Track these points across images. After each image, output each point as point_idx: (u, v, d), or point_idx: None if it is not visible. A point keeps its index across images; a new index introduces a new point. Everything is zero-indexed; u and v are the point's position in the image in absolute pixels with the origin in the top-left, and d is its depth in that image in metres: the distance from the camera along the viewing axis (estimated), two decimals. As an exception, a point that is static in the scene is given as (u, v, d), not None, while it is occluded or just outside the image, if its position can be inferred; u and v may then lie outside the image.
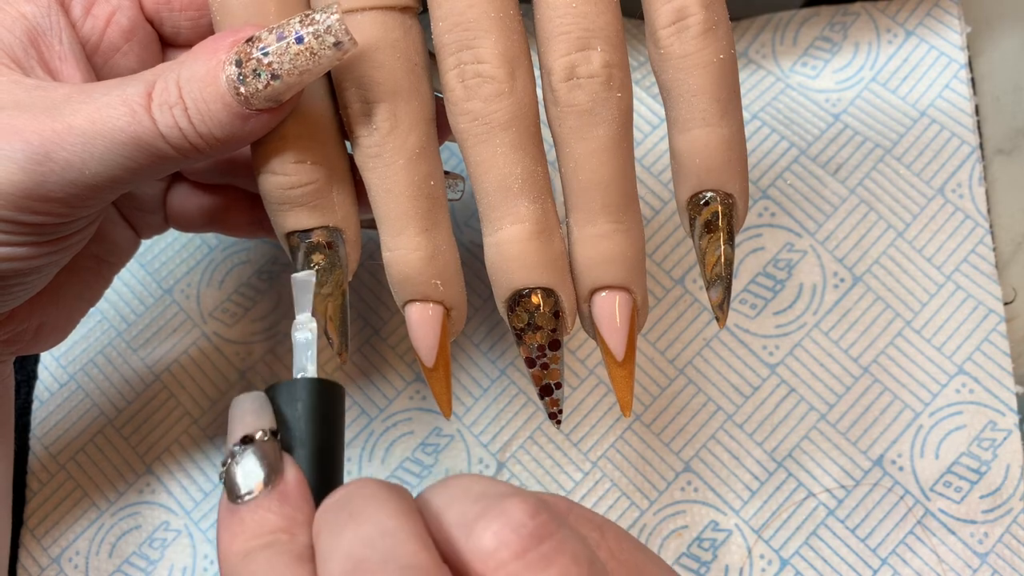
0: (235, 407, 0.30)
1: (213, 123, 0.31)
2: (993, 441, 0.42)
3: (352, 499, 0.27)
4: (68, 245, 0.34)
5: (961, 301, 0.45)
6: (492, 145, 0.32)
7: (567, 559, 0.24)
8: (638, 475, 0.44)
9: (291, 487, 0.29)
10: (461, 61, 0.31)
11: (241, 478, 0.28)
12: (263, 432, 0.29)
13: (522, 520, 0.25)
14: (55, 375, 0.48)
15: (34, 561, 0.45)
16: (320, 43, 0.30)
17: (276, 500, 0.28)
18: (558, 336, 0.33)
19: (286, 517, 0.28)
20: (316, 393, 0.30)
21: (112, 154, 0.31)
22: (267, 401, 0.30)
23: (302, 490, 0.29)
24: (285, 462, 0.29)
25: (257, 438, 0.29)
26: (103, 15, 0.35)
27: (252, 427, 0.29)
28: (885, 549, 0.42)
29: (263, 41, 0.30)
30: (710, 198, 0.33)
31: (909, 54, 0.48)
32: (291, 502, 0.28)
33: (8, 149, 0.30)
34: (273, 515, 0.28)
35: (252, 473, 0.28)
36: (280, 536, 0.27)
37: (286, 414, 0.30)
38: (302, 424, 0.30)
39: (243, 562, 0.27)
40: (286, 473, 0.29)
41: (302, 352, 0.31)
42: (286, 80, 0.31)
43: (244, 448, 0.29)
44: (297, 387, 0.30)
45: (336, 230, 0.34)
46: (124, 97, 0.31)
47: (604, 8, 0.31)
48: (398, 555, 0.25)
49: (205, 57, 0.31)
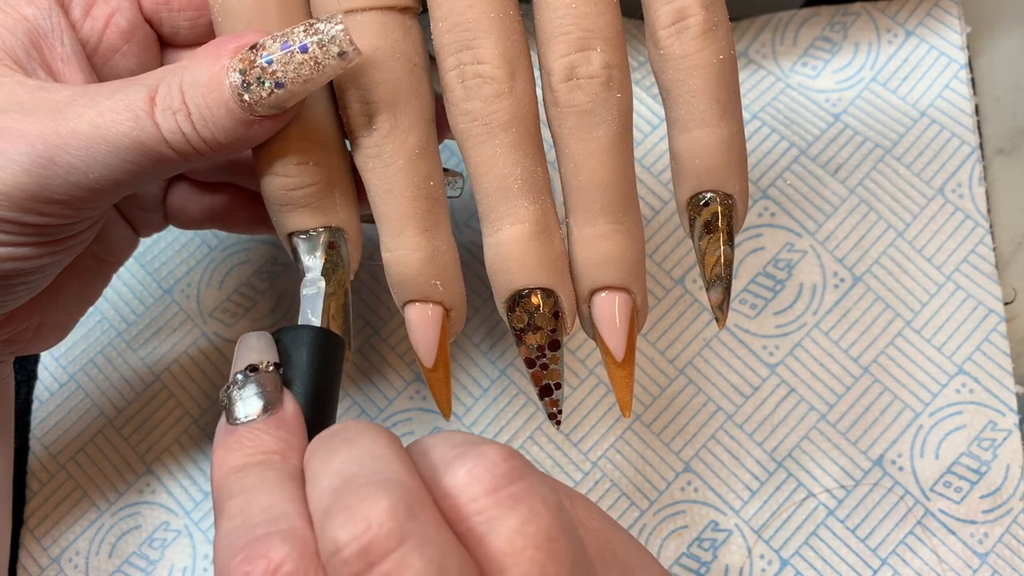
0: (243, 341, 0.32)
1: (216, 128, 0.31)
2: (993, 441, 0.42)
3: (346, 429, 0.29)
4: (71, 246, 0.34)
5: (961, 301, 0.45)
6: (492, 145, 0.32)
7: (536, 500, 0.26)
8: (638, 475, 0.44)
9: (288, 416, 0.30)
10: (461, 61, 0.31)
11: (241, 402, 0.30)
12: (267, 363, 0.31)
13: (495, 461, 0.27)
14: (55, 375, 0.48)
15: (34, 561, 0.45)
16: (324, 52, 0.30)
17: (273, 425, 0.30)
18: (558, 336, 0.33)
19: (281, 440, 0.29)
20: (319, 340, 0.32)
21: (115, 158, 0.31)
22: (272, 340, 0.32)
23: (298, 420, 0.30)
24: (284, 395, 0.31)
25: (261, 368, 0.31)
26: (102, 16, 0.35)
27: (257, 359, 0.31)
28: (885, 549, 0.42)
29: (267, 49, 0.30)
30: (710, 199, 0.33)
31: (909, 54, 0.48)
32: (287, 428, 0.30)
33: (13, 152, 0.30)
34: (269, 437, 0.29)
35: (253, 399, 0.30)
36: (273, 456, 0.29)
37: (290, 354, 0.32)
38: (303, 365, 0.32)
39: (236, 475, 0.28)
40: (284, 403, 0.31)
41: (308, 305, 0.33)
42: (290, 88, 0.31)
43: (248, 376, 0.31)
44: (302, 332, 0.32)
45: (338, 230, 0.35)
46: (127, 102, 0.31)
47: (604, 9, 0.31)
48: (383, 471, 0.26)
49: (208, 62, 0.31)
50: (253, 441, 0.29)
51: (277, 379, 0.31)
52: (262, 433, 0.29)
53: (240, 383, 0.31)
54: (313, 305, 0.33)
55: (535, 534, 0.26)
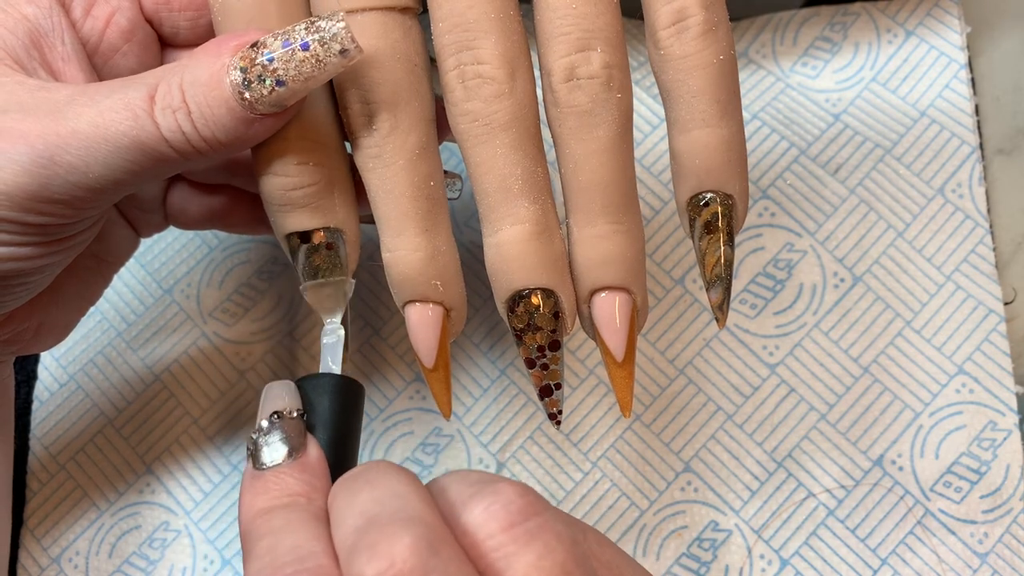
0: (268, 390, 0.33)
1: (217, 127, 0.31)
2: (993, 441, 0.42)
3: (368, 471, 0.29)
4: (71, 246, 0.34)
5: (961, 301, 0.45)
6: (492, 146, 0.32)
7: (551, 535, 0.27)
8: (638, 475, 0.44)
9: (312, 460, 0.31)
10: (461, 62, 0.31)
11: (267, 448, 0.31)
12: (291, 411, 0.32)
13: (511, 498, 0.27)
14: (55, 375, 0.48)
15: (34, 561, 0.45)
16: (326, 50, 0.30)
17: (297, 468, 0.31)
18: (558, 337, 0.33)
19: (306, 483, 0.30)
20: (341, 387, 0.33)
21: (115, 158, 0.31)
22: (295, 388, 0.33)
23: (322, 464, 0.31)
24: (308, 440, 0.32)
25: (285, 414, 0.32)
26: (103, 16, 0.35)
27: (282, 405, 0.32)
28: (885, 549, 0.42)
29: (268, 47, 0.30)
30: (710, 199, 0.33)
31: (909, 54, 0.48)
32: (311, 471, 0.31)
33: (13, 152, 0.30)
34: (294, 480, 0.30)
35: (278, 444, 0.31)
36: (299, 498, 0.30)
37: (313, 402, 0.33)
38: (325, 412, 0.33)
39: (263, 518, 0.29)
40: (308, 448, 0.32)
41: (329, 353, 0.34)
42: (291, 86, 0.31)
43: (273, 423, 0.32)
44: (323, 380, 0.33)
45: (337, 231, 0.35)
46: (127, 101, 0.31)
47: (604, 9, 0.31)
48: (405, 510, 0.27)
49: (208, 60, 0.31)
50: (279, 485, 0.30)
51: (301, 425, 0.32)
52: (287, 477, 0.30)
53: (266, 430, 0.31)
54: (334, 353, 0.34)
55: (551, 568, 0.26)
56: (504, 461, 0.44)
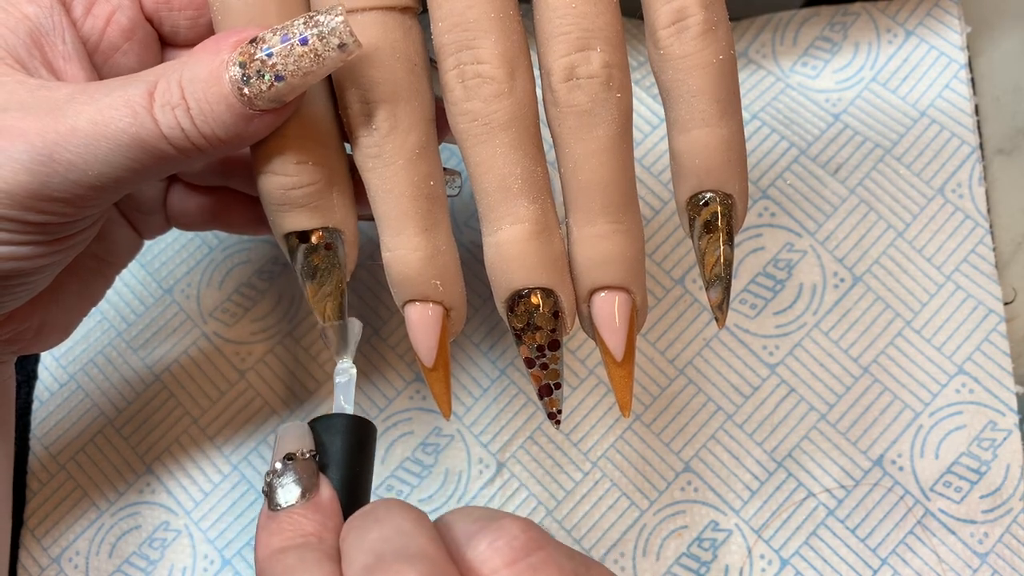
0: (281, 432, 0.34)
1: (216, 123, 0.31)
2: (993, 441, 0.42)
3: (377, 509, 0.30)
4: (71, 245, 0.34)
5: (961, 301, 0.45)
6: (492, 145, 0.32)
7: (553, 569, 0.28)
8: (638, 475, 0.44)
9: (325, 500, 0.32)
10: (461, 61, 0.31)
11: (281, 490, 0.32)
12: (303, 452, 0.33)
13: (515, 534, 0.28)
14: (55, 375, 0.48)
15: (34, 561, 0.45)
16: (324, 45, 0.30)
17: (311, 509, 0.32)
18: (557, 336, 0.33)
19: (318, 523, 0.31)
20: (353, 428, 0.34)
21: (115, 155, 0.31)
22: (308, 429, 0.34)
23: (334, 504, 0.32)
24: (320, 480, 0.33)
25: (298, 456, 0.32)
26: (103, 14, 0.35)
27: (295, 447, 0.33)
28: (885, 549, 0.42)
29: (267, 42, 0.30)
30: (709, 198, 0.33)
31: (909, 54, 0.48)
32: (324, 512, 0.32)
33: (13, 150, 0.30)
34: (307, 520, 0.31)
35: (292, 486, 0.32)
36: (311, 538, 0.31)
37: (324, 442, 0.34)
38: (337, 452, 0.33)
39: (277, 557, 0.30)
40: (321, 489, 0.32)
41: (341, 392, 0.35)
42: (290, 81, 0.30)
43: (287, 464, 0.32)
44: (336, 421, 0.34)
45: (335, 231, 0.34)
46: (126, 98, 0.31)
47: (604, 8, 0.31)
48: (411, 547, 0.28)
49: (208, 57, 0.31)
50: (292, 525, 0.31)
51: (313, 466, 0.33)
52: (300, 518, 0.31)
53: (280, 472, 0.32)
54: (346, 392, 0.35)
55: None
56: (504, 461, 0.44)
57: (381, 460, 0.45)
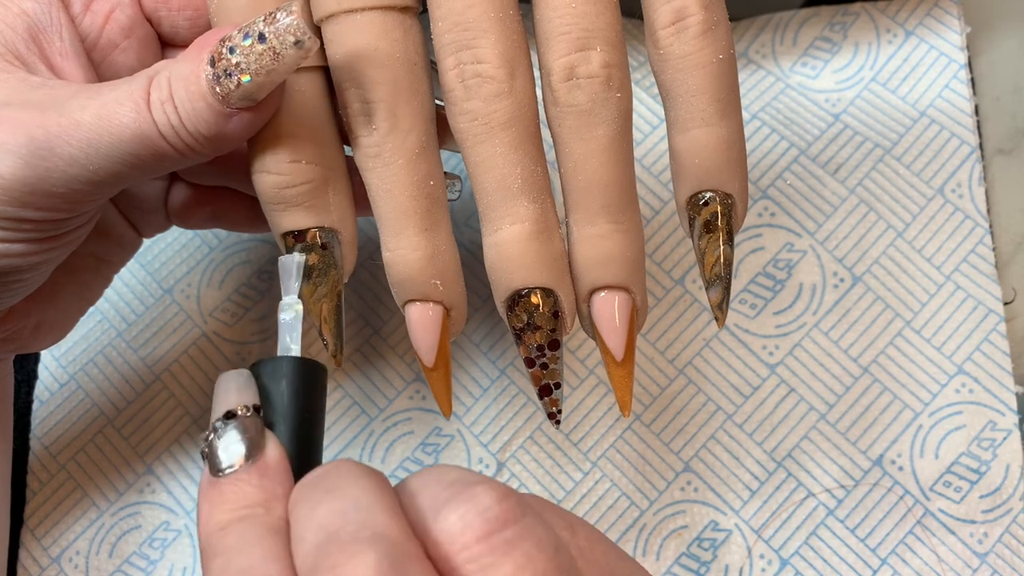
0: (220, 383, 0.30)
1: (199, 121, 0.31)
2: (993, 441, 0.42)
3: (329, 476, 0.27)
4: (66, 242, 0.34)
5: (961, 301, 0.45)
6: (491, 145, 0.32)
7: (531, 544, 0.25)
8: (638, 475, 0.44)
9: (272, 462, 0.29)
10: (460, 61, 0.31)
11: (223, 452, 0.29)
12: (246, 408, 0.29)
13: (488, 504, 0.25)
14: (55, 375, 0.48)
15: (34, 561, 0.45)
16: (281, 42, 0.30)
17: (256, 474, 0.28)
18: (557, 336, 0.33)
19: (265, 490, 0.28)
20: (299, 372, 0.30)
21: (117, 150, 0.31)
22: (251, 378, 0.30)
23: (282, 465, 0.29)
24: (267, 438, 0.29)
25: (240, 413, 0.29)
26: (102, 12, 0.35)
27: (235, 403, 0.30)
28: (885, 549, 0.42)
29: (231, 40, 0.31)
30: (709, 198, 0.33)
31: (909, 54, 0.48)
32: (271, 476, 0.29)
33: (12, 144, 0.30)
34: (252, 488, 0.28)
35: (234, 448, 0.29)
36: (256, 509, 0.28)
37: (270, 390, 0.30)
38: (285, 401, 0.30)
39: (219, 534, 0.27)
40: (267, 449, 0.29)
41: (287, 332, 0.32)
42: (255, 80, 0.30)
43: (227, 423, 0.29)
44: (281, 365, 0.30)
45: (331, 231, 0.35)
46: (129, 92, 0.31)
47: (603, 8, 0.31)
48: (370, 525, 0.25)
49: (192, 56, 0.31)
50: (235, 494, 0.28)
51: (258, 423, 0.29)
52: (245, 484, 0.28)
53: (219, 431, 0.29)
54: (292, 331, 0.32)
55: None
56: (504, 461, 0.44)
57: (381, 460, 0.45)
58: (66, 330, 0.40)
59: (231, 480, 0.28)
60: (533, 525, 0.26)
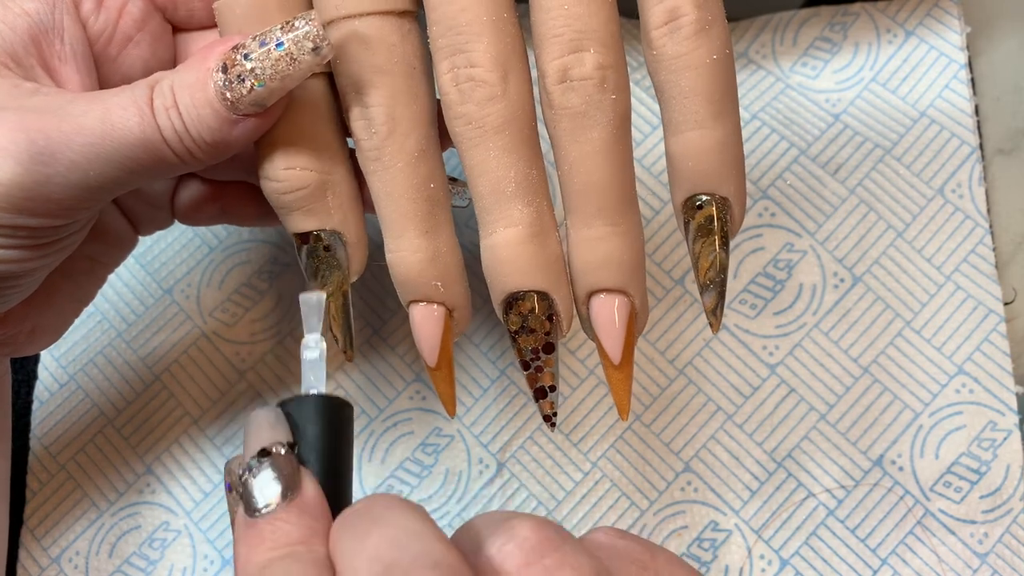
0: (251, 421, 0.30)
1: (203, 127, 0.32)
2: (993, 441, 0.42)
3: (373, 508, 0.27)
4: (61, 248, 0.34)
5: (961, 301, 0.44)
6: (485, 148, 0.32)
7: (568, 571, 0.25)
8: (638, 475, 0.44)
9: (309, 499, 0.28)
10: (455, 65, 0.31)
11: (259, 491, 0.28)
12: (280, 445, 0.29)
13: (526, 535, 0.26)
14: (55, 375, 0.48)
15: (34, 561, 0.45)
16: (299, 48, 0.31)
17: (295, 512, 0.28)
18: (552, 339, 0.33)
19: (305, 528, 0.27)
20: (330, 410, 0.30)
21: (118, 155, 0.31)
22: (282, 416, 0.30)
23: (320, 503, 0.28)
24: (303, 475, 0.29)
25: (274, 451, 0.29)
26: (115, 6, 0.36)
27: (269, 440, 0.29)
28: (885, 549, 0.42)
29: (247, 47, 0.31)
30: (704, 201, 0.32)
31: (909, 54, 0.48)
32: (310, 513, 0.28)
33: (12, 148, 0.30)
34: (291, 526, 0.27)
35: (270, 486, 0.28)
36: (298, 547, 0.27)
37: (300, 428, 0.30)
38: (317, 440, 0.30)
39: (261, 572, 0.27)
40: (304, 486, 0.28)
41: (311, 370, 0.31)
42: (269, 85, 0.31)
43: (261, 461, 0.28)
44: (311, 403, 0.30)
45: (334, 233, 0.35)
46: (133, 98, 0.32)
47: (598, 9, 0.31)
48: (429, 553, 0.25)
49: (197, 65, 0.32)
50: (275, 533, 0.27)
51: (293, 460, 0.29)
52: (283, 523, 0.27)
53: (254, 470, 0.28)
54: (316, 369, 0.31)
55: None
56: (504, 461, 0.44)
57: (381, 460, 0.45)
58: (61, 332, 0.40)
59: (269, 520, 0.28)
60: (571, 553, 0.26)
